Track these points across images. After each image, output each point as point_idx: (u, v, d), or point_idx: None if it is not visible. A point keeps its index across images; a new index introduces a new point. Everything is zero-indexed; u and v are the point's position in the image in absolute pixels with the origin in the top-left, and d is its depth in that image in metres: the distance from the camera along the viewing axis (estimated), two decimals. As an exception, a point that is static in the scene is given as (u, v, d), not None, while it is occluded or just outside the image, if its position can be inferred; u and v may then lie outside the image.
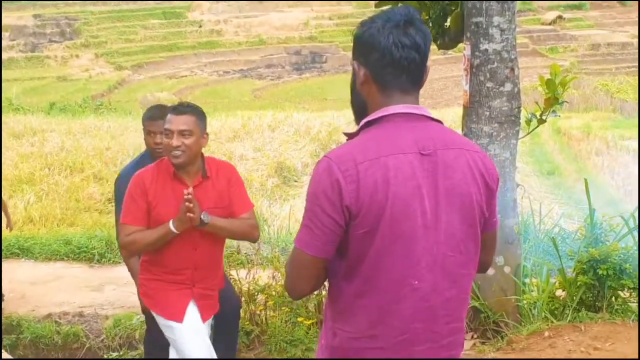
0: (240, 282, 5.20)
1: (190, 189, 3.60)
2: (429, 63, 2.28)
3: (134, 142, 13.22)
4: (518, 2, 4.69)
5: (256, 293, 5.07)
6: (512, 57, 4.67)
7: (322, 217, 2.18)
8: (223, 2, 38.64)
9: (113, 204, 10.38)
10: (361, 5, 35.70)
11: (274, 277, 5.16)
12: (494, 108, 4.65)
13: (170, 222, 3.67)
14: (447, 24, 5.07)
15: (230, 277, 4.94)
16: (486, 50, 4.61)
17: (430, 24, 5.20)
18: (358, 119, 2.34)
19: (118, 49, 35.40)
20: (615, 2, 36.30)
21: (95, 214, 10.07)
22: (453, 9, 5.04)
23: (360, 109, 2.31)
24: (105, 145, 12.93)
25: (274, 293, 5.01)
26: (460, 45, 5.01)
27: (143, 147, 4.81)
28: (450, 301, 2.26)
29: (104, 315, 6.24)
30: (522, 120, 4.89)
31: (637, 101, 22.66)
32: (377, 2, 5.44)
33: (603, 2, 36.47)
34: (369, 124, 2.24)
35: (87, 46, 35.54)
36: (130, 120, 15.80)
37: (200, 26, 37.44)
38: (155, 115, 4.48)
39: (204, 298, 3.97)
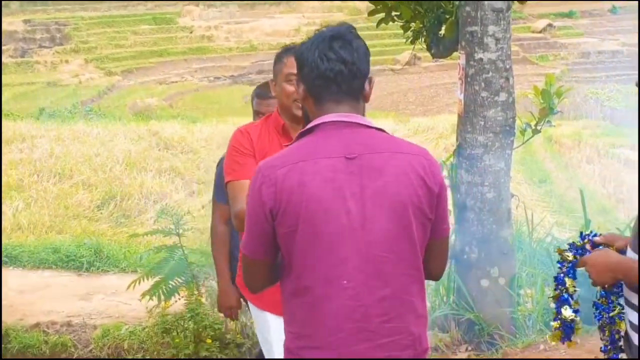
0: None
1: None
2: (372, 74, 2.41)
3: (123, 148, 13.14)
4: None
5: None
6: (507, 66, 4.64)
7: (252, 220, 2.34)
8: (214, 8, 38.59)
9: (102, 210, 10.44)
10: (353, 12, 35.72)
11: (265, 288, 5.09)
12: (489, 118, 4.63)
13: None
14: (442, 32, 5.04)
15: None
16: (481, 59, 4.58)
17: (425, 33, 5.18)
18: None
19: (108, 54, 35.30)
20: (605, 10, 36.42)
21: (84, 221, 9.95)
22: (448, 17, 5.02)
23: (307, 120, 2.45)
24: (94, 152, 12.80)
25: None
26: (455, 53, 4.98)
27: (133, 154, 4.78)
28: (384, 300, 2.30)
29: (92, 325, 6.16)
30: (517, 130, 4.86)
31: (627, 109, 22.71)
32: (369, 11, 5.42)
33: (593, 11, 36.59)
34: (304, 133, 2.38)
35: (77, 51, 35.43)
36: (120, 126, 15.69)
37: (191, 32, 37.39)
38: (264, 93, 4.05)
39: None
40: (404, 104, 28.46)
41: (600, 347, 2.82)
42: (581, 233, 2.83)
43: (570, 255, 2.80)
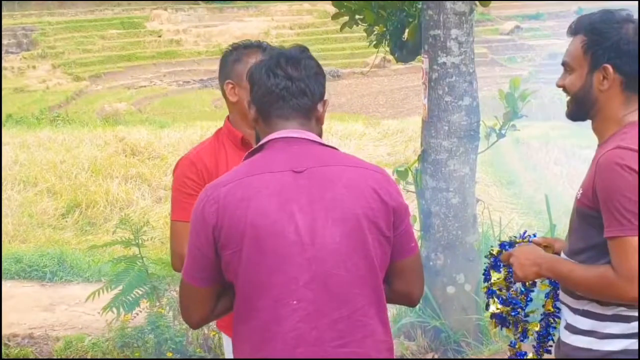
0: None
1: None
2: (328, 98, 2.37)
3: (89, 154, 12.96)
4: (475, 13, 4.62)
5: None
6: (471, 70, 4.60)
7: (194, 243, 2.22)
8: (182, 11, 38.39)
9: (67, 219, 10.30)
10: (322, 15, 35.65)
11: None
12: (453, 122, 4.59)
13: None
14: (405, 36, 5.00)
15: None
16: (444, 63, 4.54)
17: (388, 36, 5.13)
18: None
19: (76, 59, 34.93)
20: (571, 12, 36.73)
21: (48, 230, 9.81)
22: (411, 21, 4.97)
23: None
24: (59, 159, 12.61)
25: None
26: (420, 57, 4.93)
27: (99, 161, 4.61)
28: (339, 322, 2.16)
29: (55, 337, 6.07)
30: (481, 135, 4.83)
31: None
32: (333, 15, 5.36)
33: (560, 12, 36.88)
34: (252, 153, 2.31)
35: (44, 57, 35.01)
36: (86, 132, 15.49)
37: (160, 36, 37.13)
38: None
39: None
40: (374, 107, 28.39)
41: (510, 342, 2.78)
42: (524, 232, 2.77)
43: (495, 249, 2.74)
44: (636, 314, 2.32)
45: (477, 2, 4.64)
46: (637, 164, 2.25)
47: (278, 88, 2.26)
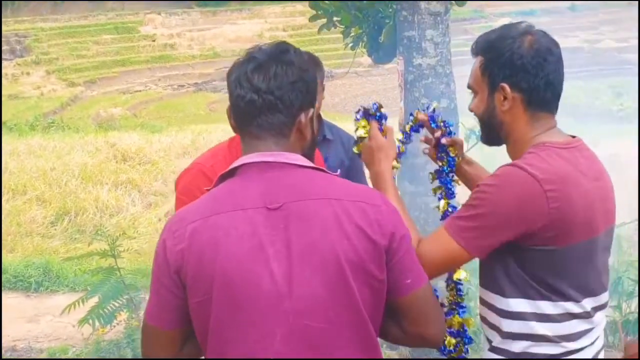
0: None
1: None
2: (317, 104, 2.05)
3: (79, 161, 12.90)
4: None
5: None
6: (447, 71, 4.53)
7: (157, 284, 1.95)
8: (176, 15, 38.36)
9: (56, 227, 10.23)
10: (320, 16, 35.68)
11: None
12: (430, 125, 4.51)
13: None
14: (382, 38, 4.93)
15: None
16: (420, 65, 4.46)
17: (365, 38, 5.06)
18: None
19: (70, 65, 34.89)
20: (565, 8, 36.71)
21: (37, 239, 9.74)
22: (387, 22, 4.90)
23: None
24: (50, 166, 12.55)
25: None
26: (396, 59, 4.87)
27: (89, 167, 4.53)
28: None
29: (39, 349, 6.01)
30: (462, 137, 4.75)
31: (589, 106, 22.85)
32: (310, 17, 5.30)
33: (553, 9, 36.85)
34: (224, 177, 2.01)
35: (38, 63, 34.97)
36: (78, 138, 15.44)
37: (154, 40, 37.09)
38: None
39: None
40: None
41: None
42: (434, 111, 2.58)
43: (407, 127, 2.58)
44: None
45: (452, 2, 4.57)
46: (514, 178, 2.15)
47: (243, 102, 1.95)
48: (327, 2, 4.89)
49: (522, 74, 2.24)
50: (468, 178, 2.61)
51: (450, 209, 2.55)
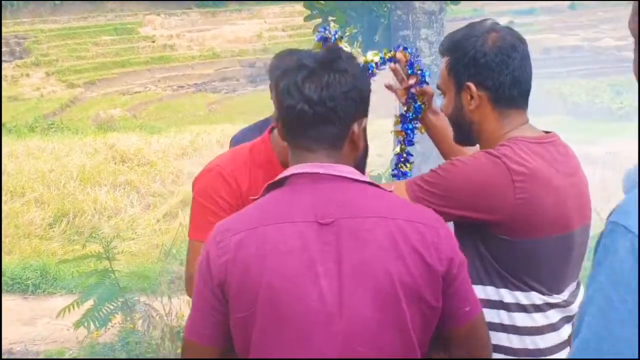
0: (162, 316, 4.94)
1: None
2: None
3: (77, 162, 12.89)
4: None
5: (181, 331, 4.81)
6: (443, 71, 4.49)
7: (199, 297, 1.86)
8: (175, 16, 38.34)
9: (54, 228, 10.22)
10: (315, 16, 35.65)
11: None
12: (426, 125, 4.48)
13: None
14: (377, 37, 4.90)
15: (154, 310, 4.70)
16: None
17: (360, 37, 5.03)
18: None
19: (69, 66, 34.90)
20: (565, 6, 36.68)
21: (35, 240, 9.72)
22: (382, 21, 4.87)
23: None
24: (48, 168, 12.55)
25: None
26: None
27: (88, 169, 4.49)
28: None
29: (35, 352, 5.99)
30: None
31: (589, 104, 22.85)
32: (305, 16, 5.27)
33: (553, 7, 36.83)
34: (272, 186, 1.90)
35: (37, 65, 34.98)
36: (77, 140, 15.42)
37: (153, 41, 37.07)
38: None
39: None
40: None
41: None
42: (418, 56, 2.56)
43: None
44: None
45: (447, 1, 4.54)
46: (486, 162, 2.14)
47: (294, 113, 1.83)
48: (322, 2, 4.86)
49: (487, 72, 2.23)
50: (431, 127, 2.60)
51: (405, 155, 2.61)
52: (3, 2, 35.44)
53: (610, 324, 1.24)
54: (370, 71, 2.46)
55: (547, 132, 2.31)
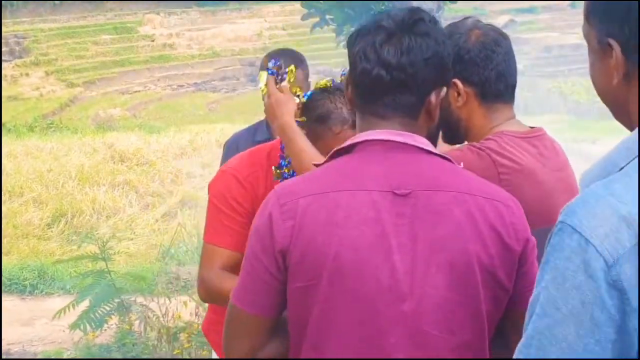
0: (160, 317, 4.90)
1: None
2: (448, 83, 1.82)
3: (76, 162, 12.88)
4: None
5: (178, 332, 4.77)
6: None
7: (253, 262, 1.71)
8: (175, 15, 38.33)
9: (52, 229, 10.21)
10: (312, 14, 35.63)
11: (196, 314, 4.87)
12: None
13: None
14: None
15: (151, 311, 4.67)
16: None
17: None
18: None
19: (69, 65, 34.88)
20: (565, 4, 36.65)
21: (33, 241, 9.71)
22: (381, 20, 4.84)
23: None
24: (47, 167, 12.54)
25: (195, 333, 4.71)
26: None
27: (86, 168, 4.46)
28: None
29: (33, 352, 5.97)
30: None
31: (589, 102, 22.82)
32: (303, 15, 5.21)
33: (554, 5, 36.81)
34: (339, 152, 1.76)
35: (37, 64, 34.97)
36: (75, 140, 15.41)
37: (153, 40, 37.06)
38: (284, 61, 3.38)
39: None
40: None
41: None
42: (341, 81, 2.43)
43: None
44: None
45: (445, 0, 4.49)
46: (470, 154, 2.11)
47: (369, 77, 1.70)
48: (319, 1, 4.81)
49: (472, 67, 2.21)
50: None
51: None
52: (3, 1, 35.40)
53: (553, 323, 1.24)
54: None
55: (533, 128, 2.29)
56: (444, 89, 1.78)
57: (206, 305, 4.86)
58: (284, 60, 3.25)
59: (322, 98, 2.34)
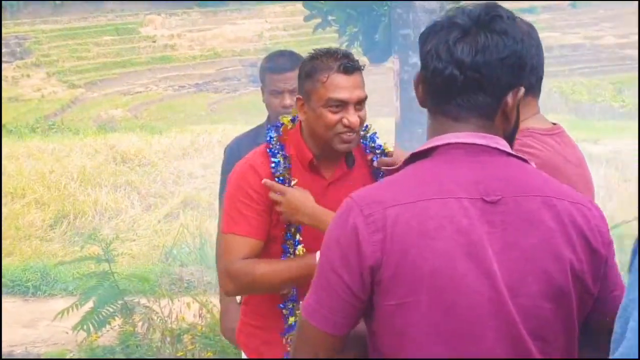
0: (163, 318, 4.89)
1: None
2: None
3: (78, 163, 12.87)
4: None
5: (181, 333, 4.76)
6: (444, 70, 4.47)
7: (331, 277, 1.61)
8: (176, 16, 38.31)
9: (55, 230, 10.21)
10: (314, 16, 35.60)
11: (200, 315, 4.87)
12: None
13: (318, 255, 2.38)
14: (377, 36, 4.87)
15: (154, 312, 4.66)
16: (416, 63, 4.39)
17: (360, 37, 4.99)
18: None
19: (70, 67, 34.87)
20: (566, 4, 36.63)
21: (35, 242, 9.71)
22: (383, 20, 4.84)
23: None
24: (48, 169, 12.54)
25: (199, 334, 4.71)
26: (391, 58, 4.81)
27: (88, 170, 4.43)
28: None
29: (36, 354, 5.97)
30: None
31: (591, 102, 22.80)
32: (305, 16, 5.23)
33: (554, 5, 36.78)
34: (416, 157, 1.68)
35: (38, 65, 34.95)
36: (77, 141, 15.39)
37: (154, 41, 37.02)
38: (282, 65, 3.29)
39: None
40: (368, 105, 28.34)
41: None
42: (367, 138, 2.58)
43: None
44: None
45: (448, 0, 4.51)
46: None
47: (441, 77, 1.63)
48: (321, 1, 4.83)
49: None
50: None
51: None
52: (3, 2, 35.39)
53: None
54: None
55: (555, 124, 2.31)
56: (522, 90, 1.69)
57: (210, 306, 4.88)
58: (283, 62, 3.31)
59: (310, 60, 2.49)
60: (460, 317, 1.55)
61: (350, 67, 2.46)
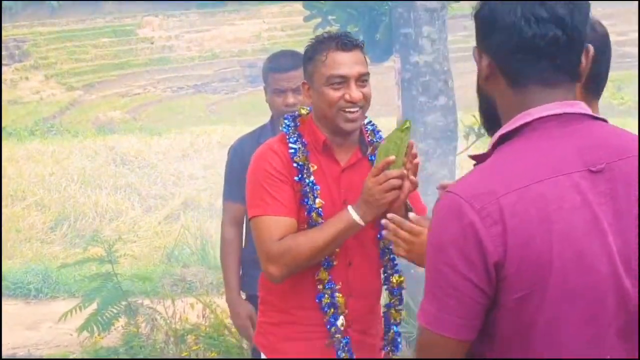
0: (167, 319, 4.89)
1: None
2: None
3: (78, 165, 12.88)
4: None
5: (185, 334, 4.76)
6: (445, 68, 4.47)
7: (455, 281, 1.50)
8: (174, 17, 38.29)
9: (55, 232, 10.21)
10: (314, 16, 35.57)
11: (204, 316, 4.87)
12: (428, 124, 4.46)
13: (351, 209, 2.43)
14: (378, 35, 4.87)
15: (158, 313, 4.66)
16: (417, 62, 4.41)
17: (361, 36, 4.99)
18: (488, 128, 1.75)
19: (68, 69, 34.86)
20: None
21: (36, 244, 9.73)
22: (384, 19, 4.84)
23: (488, 113, 1.70)
24: (48, 171, 12.57)
25: (203, 334, 4.71)
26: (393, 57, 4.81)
27: (88, 171, 4.45)
28: None
29: (39, 356, 5.96)
30: (461, 134, 4.70)
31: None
32: (305, 17, 5.23)
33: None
34: (505, 137, 1.58)
35: (36, 68, 34.94)
36: (76, 143, 15.40)
37: (152, 43, 37.01)
38: (285, 64, 3.30)
39: (363, 348, 2.70)
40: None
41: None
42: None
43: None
44: None
45: (448, -1, 4.52)
46: None
47: (544, 41, 1.52)
48: (321, 1, 4.83)
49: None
50: None
51: None
52: (3, 1, 35.37)
53: None
54: None
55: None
56: (592, 49, 1.62)
57: (213, 307, 4.88)
58: (286, 61, 3.34)
59: (310, 45, 2.55)
60: (582, 300, 1.49)
61: (348, 42, 2.50)
